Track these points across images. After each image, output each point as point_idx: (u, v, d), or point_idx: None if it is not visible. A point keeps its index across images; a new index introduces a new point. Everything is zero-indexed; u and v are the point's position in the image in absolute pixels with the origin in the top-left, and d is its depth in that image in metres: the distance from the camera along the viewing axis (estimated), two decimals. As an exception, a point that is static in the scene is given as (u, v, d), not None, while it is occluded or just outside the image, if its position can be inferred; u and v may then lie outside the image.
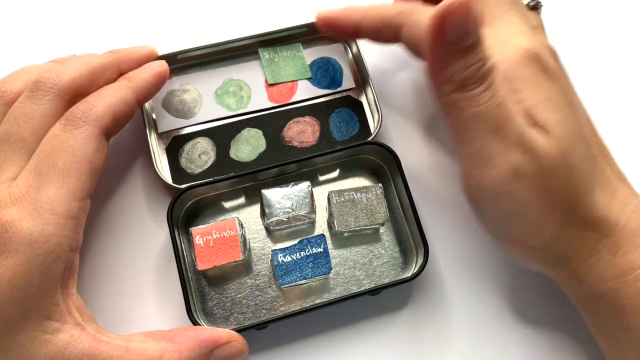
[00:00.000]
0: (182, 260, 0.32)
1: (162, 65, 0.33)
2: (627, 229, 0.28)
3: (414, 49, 0.32)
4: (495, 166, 0.27)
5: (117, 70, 0.33)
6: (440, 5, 0.25)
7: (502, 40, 0.29)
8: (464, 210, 0.36)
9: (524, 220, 0.28)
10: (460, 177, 0.30)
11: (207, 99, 0.38)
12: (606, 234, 0.28)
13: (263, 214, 0.34)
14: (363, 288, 0.33)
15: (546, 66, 0.29)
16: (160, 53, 0.36)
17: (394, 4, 0.33)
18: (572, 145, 0.27)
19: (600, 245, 0.28)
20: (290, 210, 0.34)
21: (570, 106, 0.29)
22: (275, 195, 0.34)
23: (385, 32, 0.33)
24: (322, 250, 0.33)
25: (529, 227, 0.28)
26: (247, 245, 0.34)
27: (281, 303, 0.33)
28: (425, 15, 0.30)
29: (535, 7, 0.33)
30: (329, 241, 0.35)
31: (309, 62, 0.39)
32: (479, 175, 0.28)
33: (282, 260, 0.33)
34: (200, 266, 0.32)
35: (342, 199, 0.34)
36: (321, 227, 0.35)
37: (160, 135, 0.37)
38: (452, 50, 0.25)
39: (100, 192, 0.35)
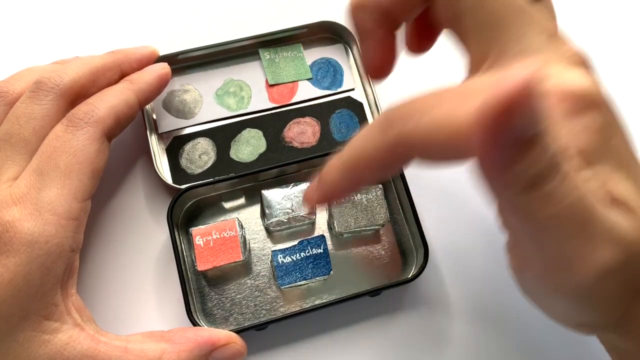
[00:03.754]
0: (182, 261, 0.32)
1: (165, 68, 0.34)
2: None
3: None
4: (581, 270, 0.22)
5: (118, 71, 0.33)
6: (490, 96, 0.17)
7: None
8: (464, 211, 0.36)
9: (595, 311, 0.24)
10: (515, 272, 0.25)
11: (207, 99, 0.38)
12: None
13: (263, 214, 0.34)
14: (363, 289, 0.33)
15: (596, 103, 0.22)
16: (161, 53, 0.36)
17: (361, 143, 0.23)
18: None
19: None
20: (291, 211, 0.34)
21: (632, 152, 0.23)
22: (275, 195, 0.34)
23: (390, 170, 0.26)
24: (322, 251, 0.33)
25: (598, 314, 0.24)
26: (247, 246, 0.34)
27: (281, 304, 0.33)
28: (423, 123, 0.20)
29: None
30: (329, 242, 0.35)
31: (309, 62, 0.39)
32: (557, 281, 0.23)
33: (282, 261, 0.33)
34: (200, 267, 0.32)
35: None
36: (321, 228, 0.35)
37: (161, 136, 0.37)
38: (513, 148, 0.18)
39: (101, 192, 0.35)
